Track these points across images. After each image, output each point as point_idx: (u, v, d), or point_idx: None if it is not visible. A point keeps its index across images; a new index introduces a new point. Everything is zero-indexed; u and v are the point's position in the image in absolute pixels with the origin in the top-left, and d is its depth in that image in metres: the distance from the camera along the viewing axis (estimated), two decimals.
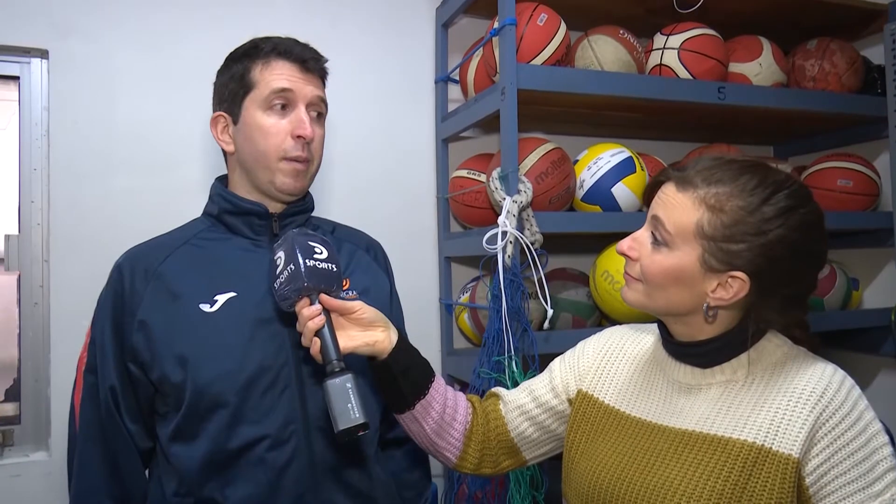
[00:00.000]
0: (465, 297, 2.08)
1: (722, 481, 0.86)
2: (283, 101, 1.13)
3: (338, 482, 1.11)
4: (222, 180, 1.25)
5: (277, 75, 1.13)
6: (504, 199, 1.71)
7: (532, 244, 1.71)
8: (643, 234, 0.95)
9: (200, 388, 1.06)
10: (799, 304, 0.94)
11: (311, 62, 1.16)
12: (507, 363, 1.66)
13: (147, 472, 1.16)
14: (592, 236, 1.99)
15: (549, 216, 1.78)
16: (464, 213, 2.07)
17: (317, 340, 0.98)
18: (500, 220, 1.69)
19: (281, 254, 1.02)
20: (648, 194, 0.98)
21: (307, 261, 0.99)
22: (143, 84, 1.94)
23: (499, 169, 1.76)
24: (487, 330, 1.71)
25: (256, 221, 1.17)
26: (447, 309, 2.19)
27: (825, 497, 0.84)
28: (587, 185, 1.90)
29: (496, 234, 1.68)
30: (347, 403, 0.93)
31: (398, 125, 2.22)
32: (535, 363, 1.67)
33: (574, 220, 1.86)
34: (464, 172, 2.06)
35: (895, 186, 1.96)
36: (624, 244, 0.97)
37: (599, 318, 2.02)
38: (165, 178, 1.95)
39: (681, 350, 0.97)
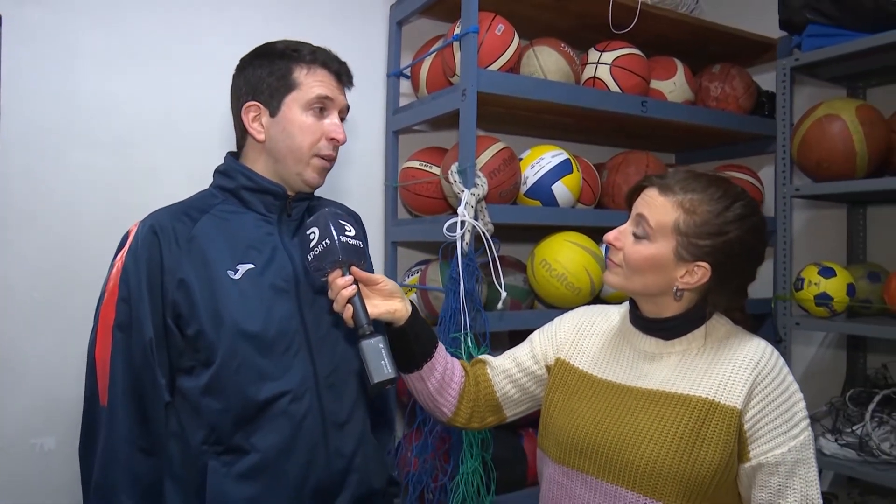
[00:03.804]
0: (412, 280, 2.24)
1: (682, 428, 1.10)
2: (322, 106, 1.26)
3: (342, 431, 1.27)
4: (235, 157, 1.34)
5: (320, 82, 1.25)
6: (463, 191, 1.89)
7: (486, 233, 1.91)
8: (627, 228, 1.17)
9: (233, 346, 1.17)
10: (742, 291, 1.20)
11: (345, 77, 1.31)
12: (462, 339, 1.85)
13: None
14: (529, 228, 2.21)
15: (499, 208, 1.98)
16: (414, 201, 2.23)
17: (349, 307, 1.13)
18: (460, 210, 1.87)
19: (315, 230, 1.15)
20: (631, 196, 1.20)
21: (341, 237, 1.13)
22: (104, 59, 1.94)
23: (457, 163, 1.94)
24: (444, 309, 1.89)
25: (272, 200, 1.28)
26: None
27: (758, 438, 1.09)
28: (530, 182, 2.12)
29: (456, 222, 1.86)
30: (381, 360, 1.09)
31: (349, 115, 2.32)
32: (487, 339, 1.88)
33: (521, 212, 2.07)
34: (416, 163, 2.21)
35: (778, 195, 2.31)
36: (610, 235, 1.18)
37: (533, 301, 2.25)
38: (126, 156, 1.97)
39: (648, 325, 1.20)
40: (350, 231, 1.16)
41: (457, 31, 1.99)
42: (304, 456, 1.21)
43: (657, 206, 1.13)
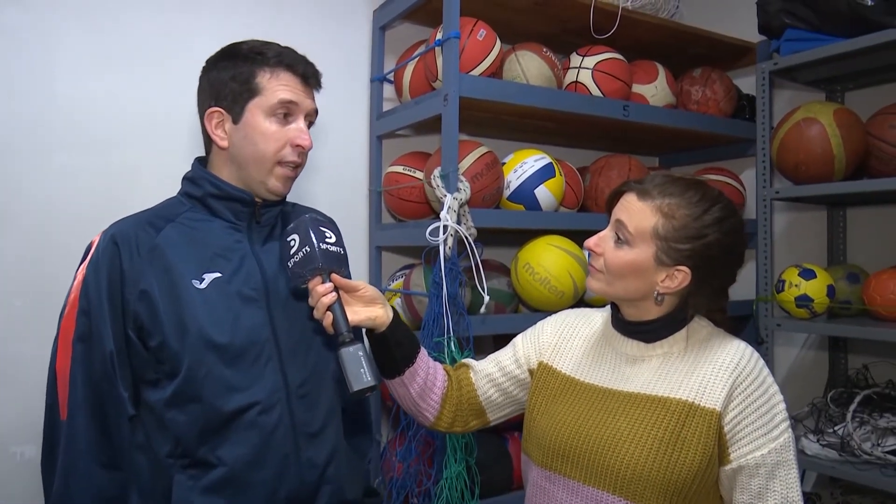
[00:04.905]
0: (396, 284, 2.24)
1: (662, 430, 1.10)
2: (286, 111, 1.22)
3: (314, 442, 1.24)
4: (202, 163, 1.30)
5: (284, 86, 1.21)
6: (445, 195, 1.89)
7: (469, 237, 1.91)
8: (607, 234, 1.18)
9: (199, 357, 1.14)
10: (723, 293, 1.21)
11: (312, 80, 1.26)
12: (446, 343, 1.85)
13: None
14: (513, 231, 2.22)
15: (482, 212, 1.98)
16: (398, 206, 2.23)
17: (329, 314, 1.12)
18: (443, 214, 1.87)
19: (295, 237, 1.14)
20: (610, 201, 1.20)
21: (321, 244, 1.13)
22: (83, 60, 1.93)
23: (440, 168, 1.94)
24: (427, 313, 1.89)
25: (240, 207, 1.25)
26: None
27: (738, 441, 1.10)
28: (513, 186, 2.13)
29: (438, 227, 1.86)
30: (360, 368, 1.09)
31: (332, 120, 2.33)
32: (471, 344, 1.88)
33: (504, 216, 2.08)
34: (399, 168, 2.21)
35: (759, 198, 2.33)
36: (591, 241, 1.19)
37: (517, 304, 2.25)
38: (107, 157, 1.96)
39: (630, 328, 1.20)
40: (331, 238, 1.15)
41: (439, 36, 2.00)
42: (275, 468, 1.18)
43: (636, 212, 1.14)
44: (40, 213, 1.87)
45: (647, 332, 1.18)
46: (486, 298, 1.88)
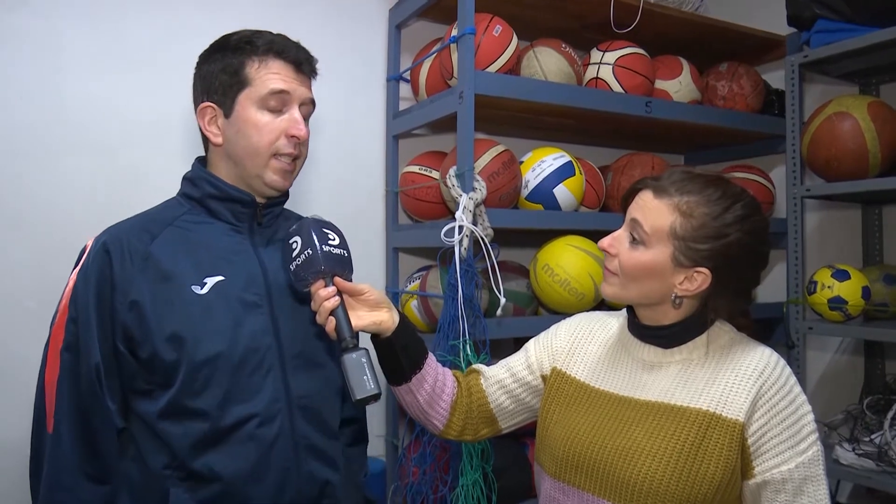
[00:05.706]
0: (413, 286, 2.20)
1: (681, 442, 1.04)
2: (279, 101, 1.16)
3: (315, 455, 1.19)
4: (202, 163, 1.25)
5: (274, 75, 1.15)
6: (461, 195, 1.84)
7: (484, 238, 1.86)
8: (622, 234, 1.12)
9: (196, 367, 1.09)
10: (745, 296, 1.14)
11: (304, 65, 1.20)
12: (461, 346, 1.80)
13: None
14: (531, 232, 2.16)
15: (499, 212, 1.93)
16: (414, 206, 2.19)
17: (332, 319, 1.07)
18: (458, 215, 1.82)
19: (297, 238, 1.10)
20: (626, 199, 1.14)
21: (323, 246, 1.08)
22: (90, 65, 1.93)
23: (455, 167, 1.89)
24: (443, 316, 1.85)
25: (240, 209, 1.20)
26: (393, 297, 2.30)
27: (763, 454, 1.03)
28: (531, 185, 2.07)
29: (454, 227, 1.82)
30: (363, 376, 1.04)
31: (348, 120, 2.30)
32: (487, 347, 1.82)
33: (521, 216, 2.02)
34: (415, 168, 2.17)
35: (789, 196, 2.24)
36: (605, 242, 1.13)
37: (536, 307, 2.20)
38: (115, 160, 1.95)
39: (646, 332, 1.14)
40: (334, 240, 1.10)
41: (454, 32, 1.95)
42: (274, 482, 1.13)
43: (652, 210, 1.07)
44: (49, 216, 1.87)
45: (665, 336, 1.12)
46: (503, 300, 1.83)
